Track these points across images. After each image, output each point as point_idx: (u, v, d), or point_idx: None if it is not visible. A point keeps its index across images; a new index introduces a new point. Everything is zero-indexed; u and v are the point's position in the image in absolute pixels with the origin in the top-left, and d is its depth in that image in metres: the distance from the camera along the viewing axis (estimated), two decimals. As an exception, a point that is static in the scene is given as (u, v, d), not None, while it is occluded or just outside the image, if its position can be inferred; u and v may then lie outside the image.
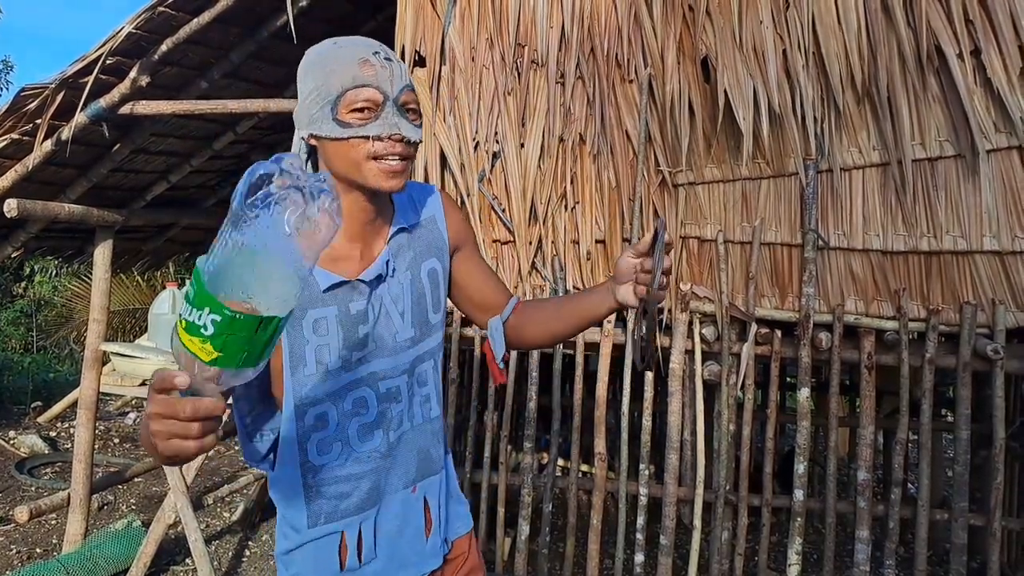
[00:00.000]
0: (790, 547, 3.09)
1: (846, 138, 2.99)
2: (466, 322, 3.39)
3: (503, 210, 3.31)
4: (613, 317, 3.20)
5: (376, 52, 1.33)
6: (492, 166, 3.31)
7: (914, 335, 2.99)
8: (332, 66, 1.31)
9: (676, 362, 3.14)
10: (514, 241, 3.29)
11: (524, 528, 3.34)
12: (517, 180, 3.27)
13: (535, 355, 3.34)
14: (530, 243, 3.25)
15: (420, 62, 3.37)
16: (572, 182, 3.23)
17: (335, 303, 1.38)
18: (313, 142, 1.35)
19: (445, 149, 3.29)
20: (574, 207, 3.25)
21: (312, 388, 1.38)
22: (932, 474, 3.13)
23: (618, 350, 3.29)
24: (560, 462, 4.89)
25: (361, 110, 1.29)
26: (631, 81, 3.18)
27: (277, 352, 1.36)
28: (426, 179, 3.32)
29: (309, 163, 1.41)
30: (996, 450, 2.90)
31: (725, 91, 2.95)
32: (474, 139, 3.31)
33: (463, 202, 3.34)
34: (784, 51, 2.97)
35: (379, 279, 1.42)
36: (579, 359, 3.31)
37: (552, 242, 3.26)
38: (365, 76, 1.30)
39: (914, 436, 3.55)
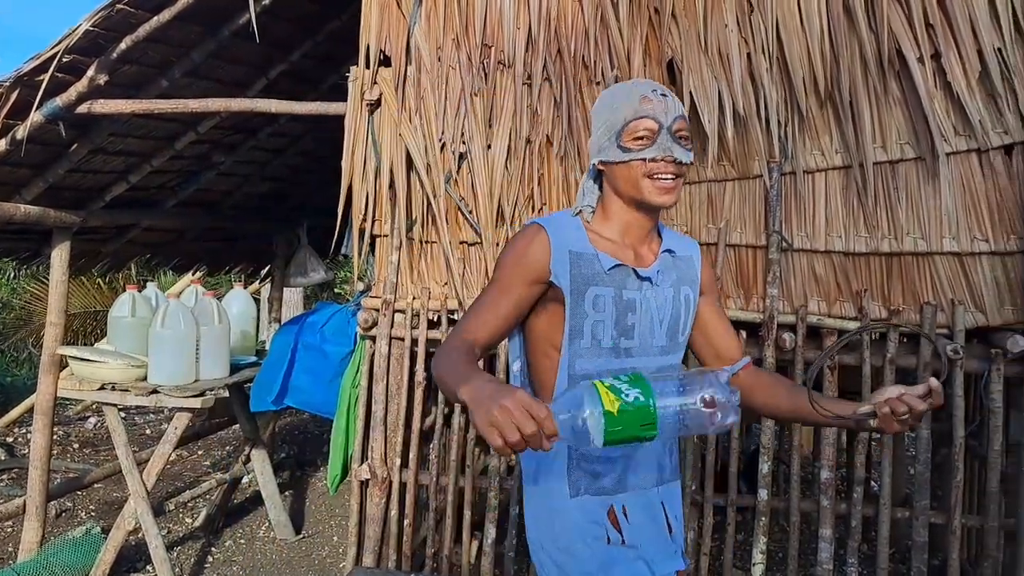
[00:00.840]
0: (755, 546, 3.11)
1: (809, 141, 3.02)
2: (433, 324, 3.37)
3: (470, 211, 3.29)
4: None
5: (655, 89, 1.62)
6: (459, 167, 3.29)
7: (876, 335, 3.03)
8: (618, 103, 1.61)
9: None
10: (481, 243, 3.27)
11: (491, 531, 3.32)
12: (484, 181, 3.25)
13: (502, 357, 3.32)
14: (497, 244, 3.24)
15: (385, 62, 3.34)
16: (539, 183, 3.22)
17: (613, 284, 1.62)
18: (601, 167, 1.65)
19: (411, 149, 3.27)
20: (541, 208, 3.24)
21: (586, 361, 1.62)
22: (894, 472, 3.17)
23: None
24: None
25: (640, 137, 1.57)
26: (598, 83, 3.18)
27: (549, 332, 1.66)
28: (392, 180, 3.29)
29: (595, 185, 1.71)
30: (956, 448, 2.95)
31: (691, 93, 2.96)
32: (440, 140, 3.29)
33: (429, 204, 3.32)
34: (748, 54, 3.00)
35: (649, 280, 1.66)
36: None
37: (519, 244, 3.24)
38: (644, 109, 1.58)
39: (877, 435, 3.60)
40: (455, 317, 3.35)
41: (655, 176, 1.57)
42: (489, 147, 3.26)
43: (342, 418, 3.61)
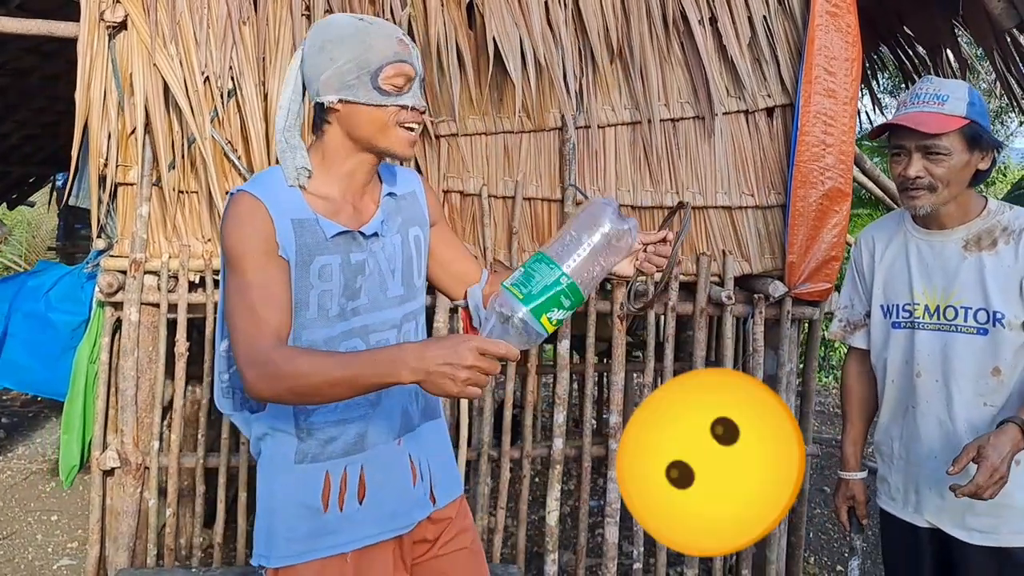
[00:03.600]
0: (549, 494, 3.18)
1: (601, 96, 3.05)
2: (194, 286, 2.95)
3: (238, 157, 2.90)
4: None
5: (404, 34, 1.56)
6: (225, 105, 2.87)
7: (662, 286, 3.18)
8: (370, 41, 1.49)
9: (440, 321, 3.02)
10: (254, 193, 2.90)
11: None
12: (258, 123, 2.87)
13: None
14: (277, 196, 2.89)
15: (131, -25, 2.79)
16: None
17: (338, 252, 1.55)
18: (339, 106, 1.50)
19: (170, 82, 2.78)
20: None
21: (311, 332, 1.54)
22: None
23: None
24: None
25: (398, 84, 1.50)
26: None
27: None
28: (147, 117, 2.79)
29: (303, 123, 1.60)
30: (725, 386, 3.22)
31: (494, 39, 2.84)
32: (204, 73, 2.84)
33: (189, 147, 2.87)
34: (547, 3, 2.94)
35: (376, 236, 1.60)
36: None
37: (301, 195, 2.93)
38: (402, 53, 1.51)
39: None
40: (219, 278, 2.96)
41: (406, 124, 1.52)
42: (263, 84, 2.88)
43: (78, 399, 3.07)
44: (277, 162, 1.58)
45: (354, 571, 1.60)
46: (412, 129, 1.54)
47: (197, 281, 2.98)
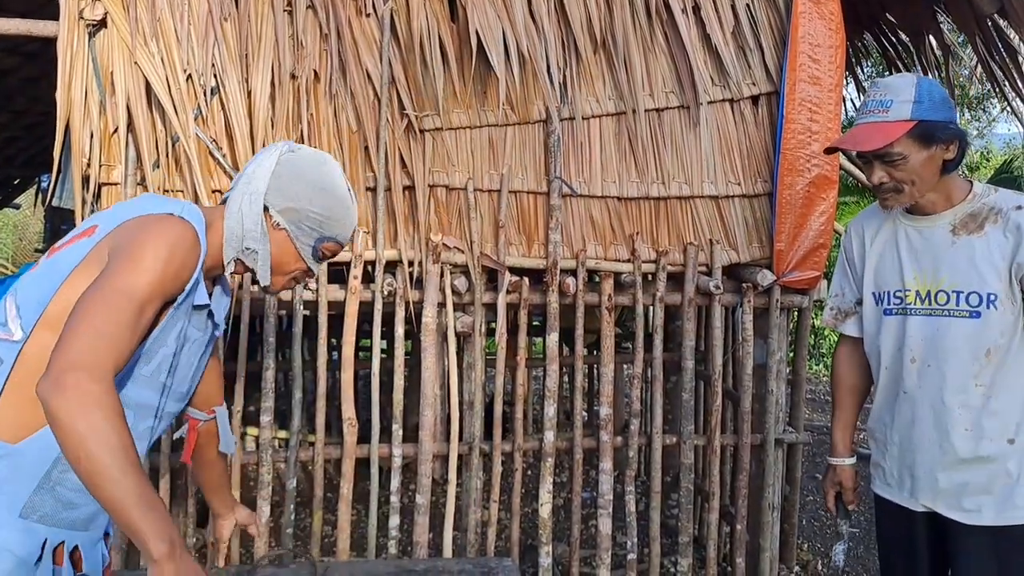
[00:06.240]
0: (542, 486, 3.18)
1: (585, 87, 3.05)
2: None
3: (224, 155, 2.88)
4: (360, 273, 2.96)
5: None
6: (208, 102, 2.85)
7: (649, 276, 3.19)
8: (345, 219, 1.65)
9: (429, 316, 3.02)
10: (240, 191, 2.88)
11: (265, 509, 3.02)
12: (242, 120, 2.85)
13: (271, 318, 2.99)
14: (262, 193, 2.87)
15: (109, -27, 2.77)
16: (308, 125, 2.90)
17: (195, 323, 1.54)
18: (281, 222, 1.59)
19: (152, 81, 2.76)
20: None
21: (138, 390, 1.46)
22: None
23: (366, 306, 3.07)
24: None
25: (327, 255, 1.66)
26: (368, 15, 2.92)
27: None
28: (130, 116, 2.77)
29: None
30: (715, 376, 3.23)
31: (477, 32, 2.83)
32: (186, 71, 2.81)
33: (173, 146, 2.85)
34: (529, -6, 2.93)
35: (215, 323, 1.64)
36: (322, 320, 3.03)
37: (286, 192, 2.91)
38: (345, 239, 1.68)
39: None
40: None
41: (294, 277, 1.65)
42: (247, 81, 2.86)
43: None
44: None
45: None
46: (295, 282, 1.68)
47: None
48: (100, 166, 2.84)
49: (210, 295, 1.60)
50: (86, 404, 1.18)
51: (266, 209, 1.57)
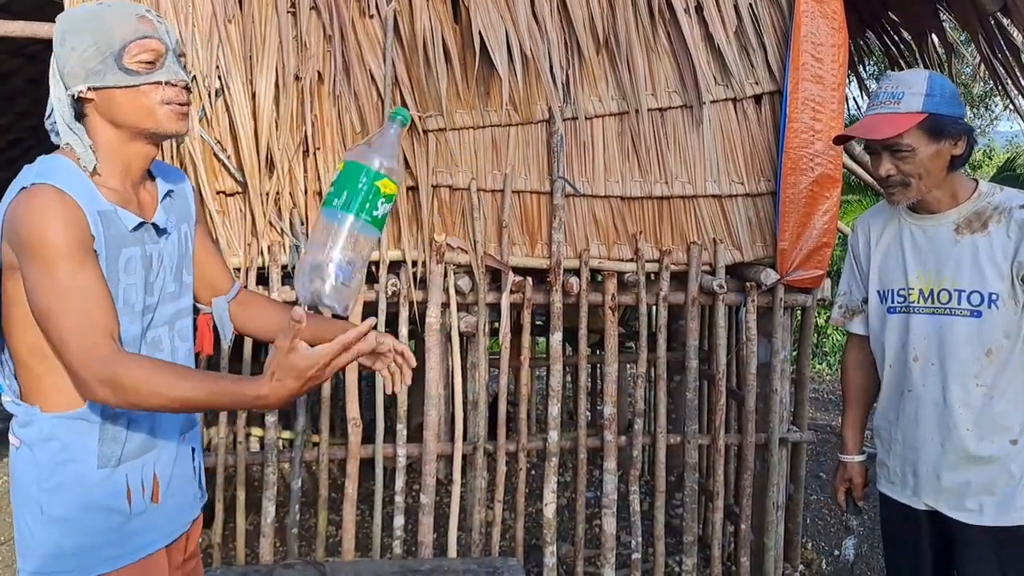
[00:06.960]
0: (546, 486, 3.18)
1: (588, 87, 3.05)
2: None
3: (228, 156, 2.89)
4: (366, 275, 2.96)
5: (148, 10, 1.48)
6: (212, 104, 2.86)
7: (652, 276, 3.19)
8: (110, 22, 1.42)
9: (432, 316, 3.02)
10: (243, 192, 2.89)
11: (270, 510, 3.03)
12: (246, 121, 2.86)
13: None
14: (266, 194, 2.88)
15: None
16: (313, 126, 2.90)
17: (138, 244, 1.51)
18: (91, 95, 1.43)
19: (156, 83, 2.76)
20: (314, 153, 2.93)
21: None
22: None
23: (370, 307, 3.07)
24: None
25: (148, 61, 1.44)
26: (371, 16, 2.92)
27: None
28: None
29: (80, 124, 1.46)
30: (719, 375, 3.23)
31: (480, 33, 2.83)
32: (189, 72, 2.82)
33: (177, 147, 2.86)
34: (532, -6, 2.93)
35: (166, 232, 1.57)
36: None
37: (290, 193, 2.93)
38: (145, 29, 1.44)
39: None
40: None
41: (170, 102, 1.45)
42: (251, 83, 2.87)
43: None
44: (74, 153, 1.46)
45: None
46: (180, 103, 1.47)
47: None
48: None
49: (143, 204, 1.54)
50: (122, 387, 1.33)
51: (78, 100, 1.45)
